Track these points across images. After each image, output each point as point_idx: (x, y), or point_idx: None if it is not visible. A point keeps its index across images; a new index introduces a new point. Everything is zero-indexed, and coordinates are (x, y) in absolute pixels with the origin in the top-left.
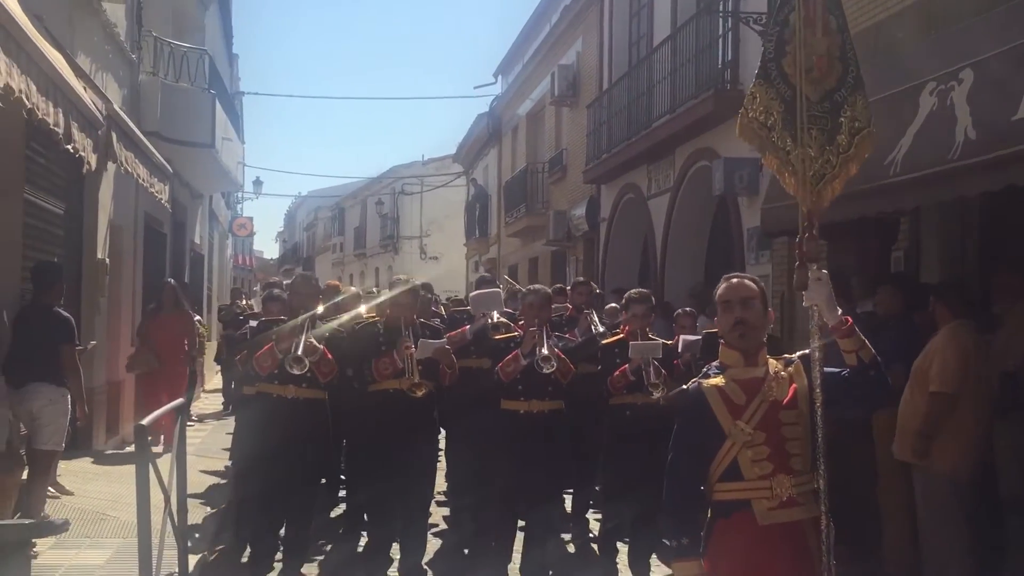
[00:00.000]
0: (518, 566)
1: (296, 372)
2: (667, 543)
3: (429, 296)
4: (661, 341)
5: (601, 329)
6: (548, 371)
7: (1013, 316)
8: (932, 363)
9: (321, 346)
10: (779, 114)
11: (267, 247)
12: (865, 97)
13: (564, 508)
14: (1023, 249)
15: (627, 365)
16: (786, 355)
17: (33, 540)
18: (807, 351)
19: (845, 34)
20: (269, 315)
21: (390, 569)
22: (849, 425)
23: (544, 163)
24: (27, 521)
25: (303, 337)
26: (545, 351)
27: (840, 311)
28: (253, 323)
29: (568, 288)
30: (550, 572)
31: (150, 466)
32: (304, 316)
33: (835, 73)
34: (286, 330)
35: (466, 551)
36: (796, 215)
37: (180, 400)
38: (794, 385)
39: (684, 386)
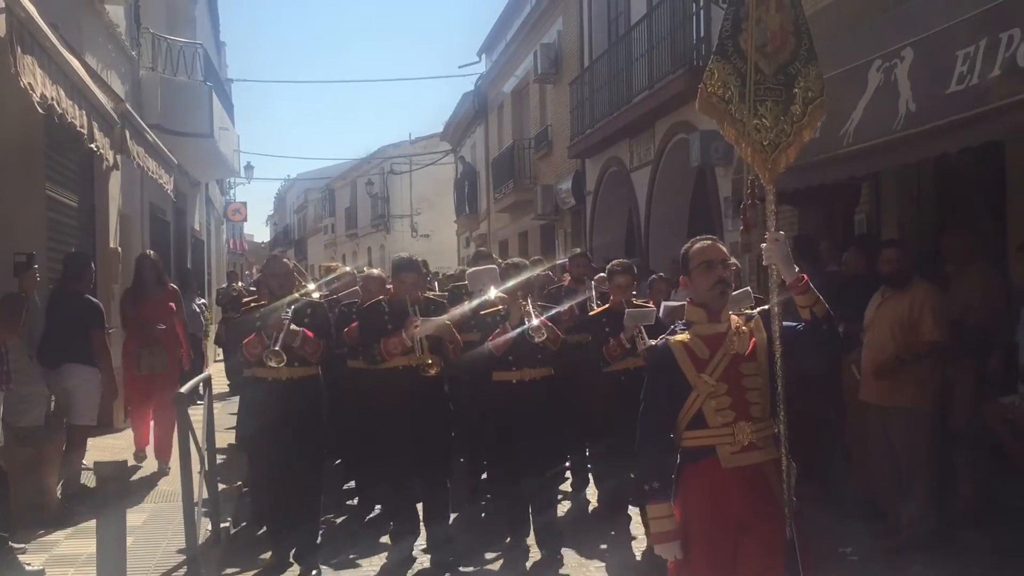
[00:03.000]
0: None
1: (274, 365)
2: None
3: (426, 273)
4: (653, 308)
5: (596, 301)
6: (539, 340)
7: (963, 275)
8: (921, 316)
9: (302, 329)
10: (736, 88)
11: (257, 231)
12: (818, 68)
13: (565, 472)
14: (974, 210)
15: (622, 334)
16: (747, 311)
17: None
18: (767, 307)
19: (798, 9)
20: (263, 297)
21: (416, 541)
22: (816, 376)
23: (530, 139)
24: (121, 459)
25: (283, 332)
26: (535, 322)
27: (797, 268)
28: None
29: (566, 261)
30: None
31: (189, 434)
32: (282, 301)
33: (789, 47)
34: (270, 317)
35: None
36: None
37: (207, 373)
38: (754, 339)
39: (653, 342)
